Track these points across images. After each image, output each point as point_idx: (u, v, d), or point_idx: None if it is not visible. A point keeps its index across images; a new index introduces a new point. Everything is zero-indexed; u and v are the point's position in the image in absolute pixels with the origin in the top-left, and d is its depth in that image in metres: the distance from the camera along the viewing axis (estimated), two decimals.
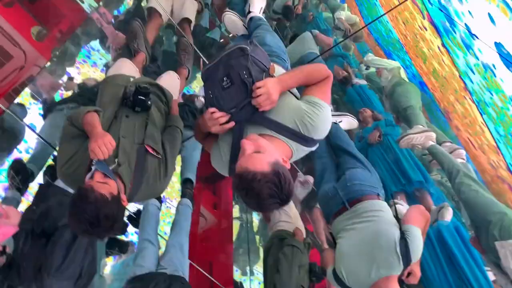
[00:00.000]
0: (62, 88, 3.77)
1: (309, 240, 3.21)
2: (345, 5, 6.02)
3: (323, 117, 1.60)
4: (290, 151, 1.63)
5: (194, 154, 3.45)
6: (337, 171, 2.63)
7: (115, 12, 4.71)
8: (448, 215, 3.19)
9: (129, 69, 2.49)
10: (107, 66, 3.81)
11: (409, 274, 2.01)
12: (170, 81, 2.74)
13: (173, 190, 4.47)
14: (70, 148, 1.88)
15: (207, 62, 4.02)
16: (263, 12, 2.91)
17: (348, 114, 3.24)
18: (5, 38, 3.37)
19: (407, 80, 4.59)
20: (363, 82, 5.05)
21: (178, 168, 3.41)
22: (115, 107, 2.08)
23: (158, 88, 2.37)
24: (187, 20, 3.46)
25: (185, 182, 3.28)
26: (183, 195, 3.21)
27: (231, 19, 2.90)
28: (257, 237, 5.19)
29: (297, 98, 1.70)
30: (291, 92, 1.71)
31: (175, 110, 2.44)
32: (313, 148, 1.70)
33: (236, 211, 4.95)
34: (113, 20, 4.41)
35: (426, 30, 4.40)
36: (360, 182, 2.33)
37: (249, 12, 2.77)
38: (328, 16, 6.34)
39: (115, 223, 1.63)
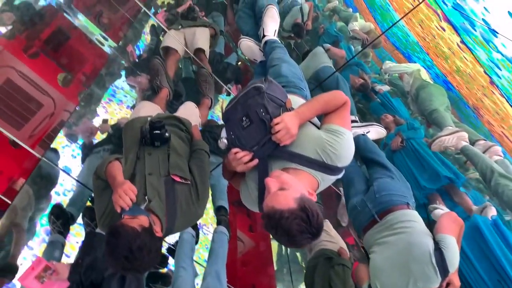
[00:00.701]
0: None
1: (353, 260, 3.18)
2: (357, 14, 6.00)
3: (345, 144, 1.60)
4: (316, 182, 1.63)
5: (222, 180, 3.44)
6: (367, 183, 2.60)
7: (137, 52, 4.84)
8: (492, 214, 3.07)
9: (147, 110, 2.56)
10: (134, 108, 3.92)
11: (448, 285, 1.93)
12: (186, 110, 2.81)
13: (208, 216, 4.49)
14: (102, 201, 1.96)
15: (225, 87, 4.08)
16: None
17: (376, 123, 3.22)
18: (34, 88, 3.50)
19: (429, 80, 4.51)
20: (386, 88, 4.99)
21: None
22: (136, 149, 2.14)
23: (175, 118, 2.42)
24: (201, 50, 3.53)
25: (219, 209, 3.30)
26: (218, 223, 3.22)
27: (248, 45, 2.95)
28: (298, 254, 5.13)
29: (318, 127, 1.70)
30: (311, 122, 1.72)
31: (197, 135, 2.48)
32: (340, 176, 1.69)
33: None
34: (137, 59, 4.54)
35: (444, 30, 4.34)
36: (389, 192, 2.29)
37: (264, 36, 2.81)
38: (342, 25, 6.33)
39: (150, 254, 1.64)
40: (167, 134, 2.14)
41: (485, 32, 3.49)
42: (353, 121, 3.26)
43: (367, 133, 3.07)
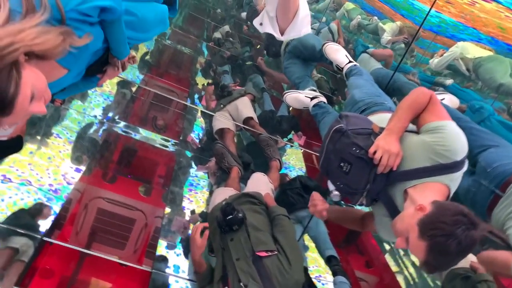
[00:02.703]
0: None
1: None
2: (380, 24, 5.87)
3: (452, 136, 1.46)
4: (445, 187, 1.48)
5: (321, 229, 3.40)
6: None
7: (196, 136, 5.09)
8: None
9: (221, 197, 2.64)
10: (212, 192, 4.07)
11: None
12: (254, 183, 2.86)
13: (320, 267, 4.40)
14: None
15: (283, 140, 4.08)
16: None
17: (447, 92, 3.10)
18: (123, 208, 3.76)
19: (481, 52, 4.21)
20: (450, 81, 4.68)
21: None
22: (219, 240, 2.21)
23: (245, 196, 2.48)
24: (249, 118, 3.64)
25: (329, 260, 3.23)
26: (334, 274, 3.14)
27: (292, 97, 3.00)
28: (429, 281, 4.79)
29: (416, 132, 1.59)
30: (407, 130, 1.60)
31: (270, 202, 2.50)
32: (465, 168, 1.53)
33: (389, 259, 4.68)
34: (199, 145, 4.77)
35: (477, 4, 4.12)
36: (501, 162, 2.06)
37: (341, 69, 2.83)
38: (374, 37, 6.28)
39: None
40: (240, 215, 2.18)
41: None
42: None
43: (442, 100, 2.91)
